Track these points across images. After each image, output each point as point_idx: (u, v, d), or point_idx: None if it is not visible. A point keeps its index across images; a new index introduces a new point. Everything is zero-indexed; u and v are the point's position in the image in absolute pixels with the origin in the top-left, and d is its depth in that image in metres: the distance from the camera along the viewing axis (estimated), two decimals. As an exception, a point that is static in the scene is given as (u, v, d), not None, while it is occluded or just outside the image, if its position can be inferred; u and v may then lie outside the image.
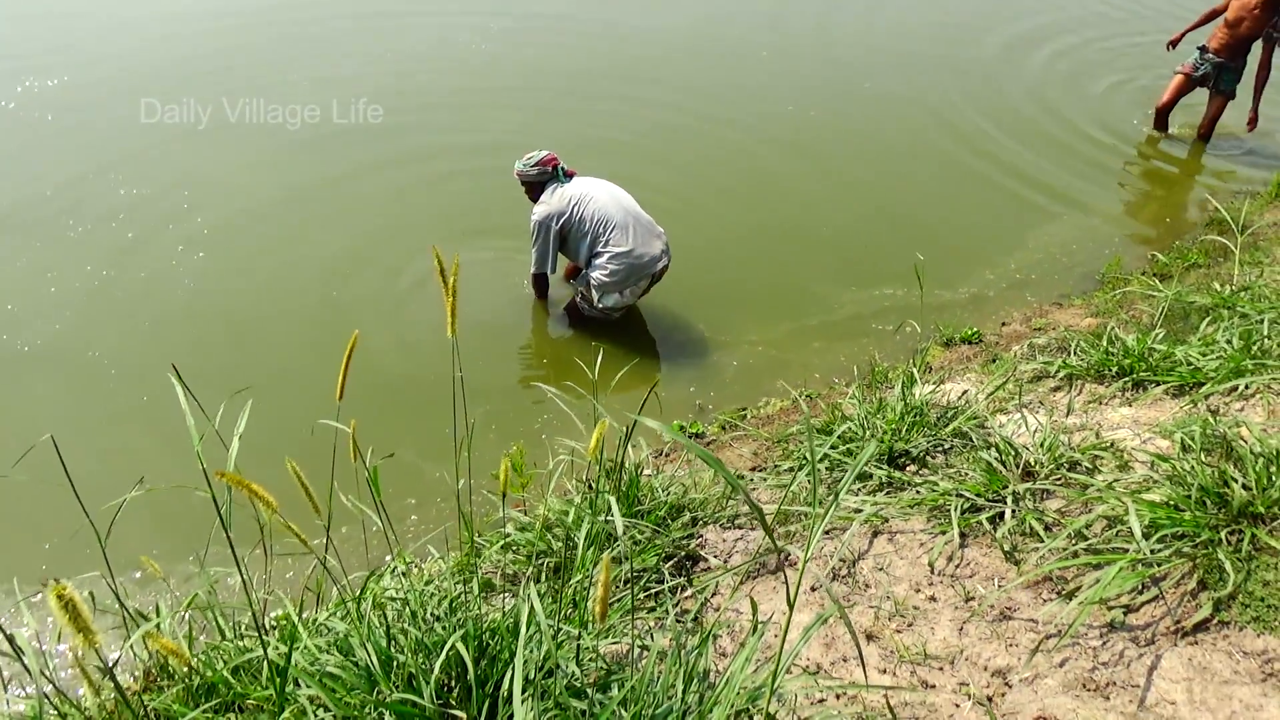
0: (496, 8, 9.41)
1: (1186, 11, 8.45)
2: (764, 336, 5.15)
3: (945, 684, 2.24)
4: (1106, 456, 3.08)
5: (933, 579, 2.69)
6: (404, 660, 2.10)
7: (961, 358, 4.79)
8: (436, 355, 4.81)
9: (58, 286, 5.20)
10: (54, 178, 6.17)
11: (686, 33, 9.10)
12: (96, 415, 4.44)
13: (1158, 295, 4.47)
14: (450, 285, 1.87)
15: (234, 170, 6.45)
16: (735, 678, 1.72)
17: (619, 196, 4.89)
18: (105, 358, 4.74)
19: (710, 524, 3.15)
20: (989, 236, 6.13)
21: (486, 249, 5.61)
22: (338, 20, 8.98)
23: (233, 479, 1.38)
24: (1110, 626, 2.34)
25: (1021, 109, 7.94)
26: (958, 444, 3.45)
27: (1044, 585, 2.54)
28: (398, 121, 7.15)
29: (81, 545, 2.28)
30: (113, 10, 8.96)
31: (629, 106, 7.59)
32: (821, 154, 7.09)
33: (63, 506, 2.04)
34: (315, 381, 4.52)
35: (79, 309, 5.04)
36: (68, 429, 4.30)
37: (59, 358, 4.71)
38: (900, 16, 9.95)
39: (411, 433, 4.37)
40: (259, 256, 5.62)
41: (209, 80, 7.47)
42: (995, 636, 2.36)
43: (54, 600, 1.03)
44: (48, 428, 2.30)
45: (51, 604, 1.03)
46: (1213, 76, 7.17)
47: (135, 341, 4.87)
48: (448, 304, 1.88)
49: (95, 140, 6.68)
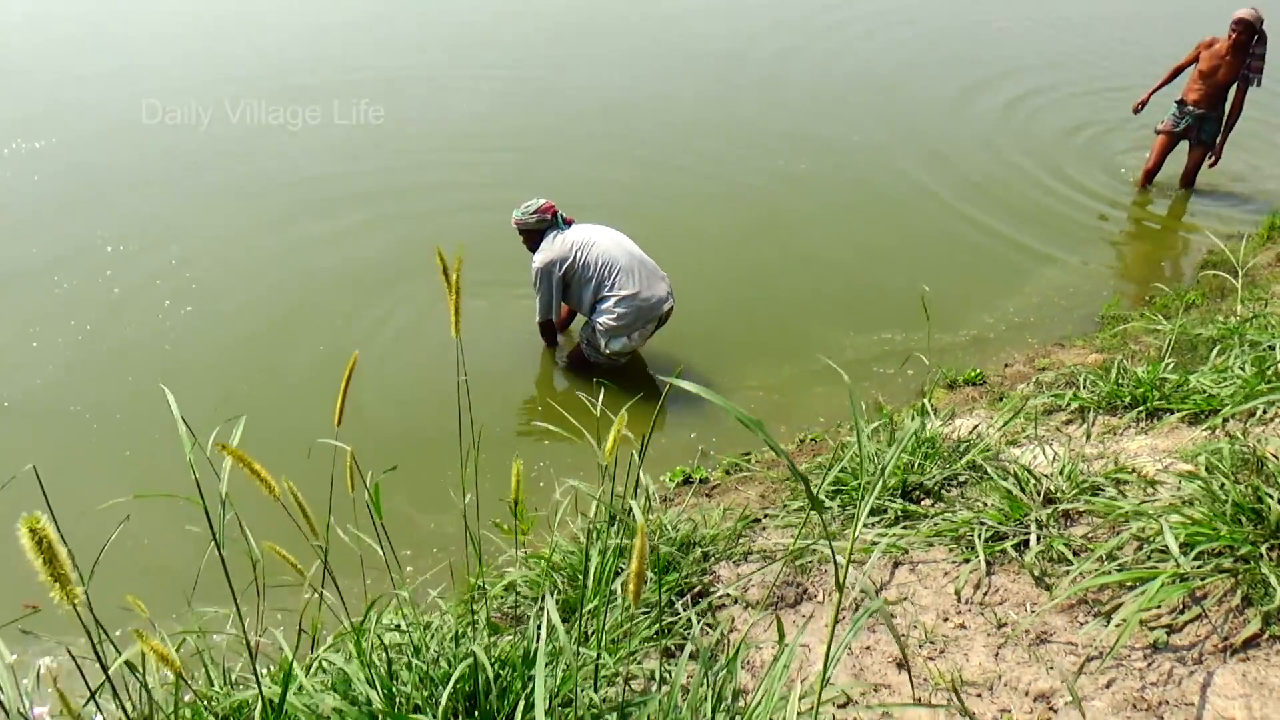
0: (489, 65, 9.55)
1: (1151, 65, 8.61)
2: (765, 381, 5.06)
3: (985, 711, 2.10)
4: (1131, 480, 2.98)
5: (960, 607, 2.56)
6: (408, 693, 1.95)
7: (966, 399, 4.71)
8: (426, 407, 4.70)
9: (40, 341, 5.09)
10: (41, 235, 6.10)
11: (692, 100, 9.19)
12: (77, 469, 4.29)
13: (1163, 329, 4.42)
14: (453, 283, 1.78)
15: (225, 226, 6.40)
16: (771, 695, 1.59)
17: (621, 241, 4.84)
18: (87, 411, 4.61)
19: (723, 560, 3.02)
20: (985, 282, 6.11)
21: (480, 296, 5.53)
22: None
23: (233, 453, 1.27)
24: (1154, 647, 2.22)
25: (1010, 158, 8.02)
26: (972, 476, 3.35)
27: (1079, 609, 2.42)
28: (390, 182, 7.15)
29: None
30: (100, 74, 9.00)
31: (615, 162, 7.64)
32: (814, 203, 7.11)
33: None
34: (306, 430, 4.38)
35: (61, 363, 4.92)
36: (47, 483, 4.14)
37: (38, 412, 4.58)
38: (861, 68, 10.15)
39: (405, 485, 4.23)
40: (246, 311, 5.52)
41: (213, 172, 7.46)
42: (1034, 660, 2.23)
43: (26, 535, 0.91)
44: (24, 481, 2.14)
45: (23, 539, 0.91)
46: (1195, 128, 7.23)
47: (118, 395, 4.74)
48: (451, 303, 1.80)
49: (85, 200, 6.62)
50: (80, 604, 0.95)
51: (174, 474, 3.07)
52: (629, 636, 2.29)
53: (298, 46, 10.15)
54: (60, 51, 9.71)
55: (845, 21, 11.76)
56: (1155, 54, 9.58)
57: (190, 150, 7.53)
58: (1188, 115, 7.21)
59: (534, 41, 10.68)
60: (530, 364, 5.23)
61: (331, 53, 9.95)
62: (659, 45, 10.82)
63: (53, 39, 10.10)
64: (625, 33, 11.36)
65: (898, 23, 11.92)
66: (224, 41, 10.12)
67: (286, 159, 7.51)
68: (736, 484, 4.09)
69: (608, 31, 11.35)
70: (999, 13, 12.67)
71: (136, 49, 9.86)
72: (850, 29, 11.55)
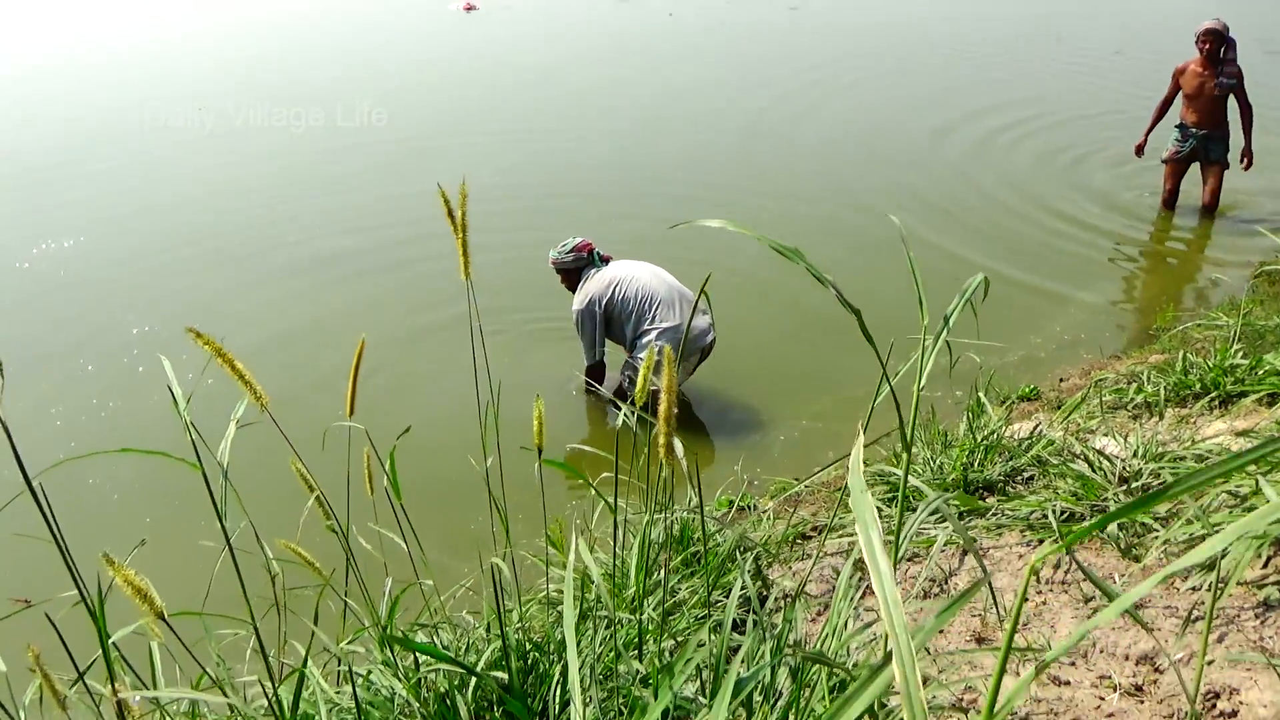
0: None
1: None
2: (806, 410, 4.87)
3: (1082, 679, 1.86)
4: (1215, 454, 2.75)
5: (1040, 586, 2.33)
6: (435, 680, 1.77)
7: (1023, 412, 4.48)
8: (445, 451, 4.49)
9: (63, 420, 5.04)
10: (66, 324, 6.10)
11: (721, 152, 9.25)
12: (95, 542, 4.17)
13: (1225, 323, 4.20)
14: (460, 222, 1.67)
15: (246, 301, 6.37)
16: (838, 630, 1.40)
17: (660, 274, 4.72)
18: (107, 484, 4.51)
19: (775, 563, 2.81)
20: (1029, 303, 5.91)
21: (499, 333, 5.40)
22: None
23: (211, 346, 1.15)
24: (1265, 605, 1.97)
25: (1044, 192, 7.88)
26: (1038, 470, 3.13)
27: (1175, 575, 2.18)
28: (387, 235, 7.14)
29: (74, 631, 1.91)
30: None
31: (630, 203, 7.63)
32: (842, 226, 7.00)
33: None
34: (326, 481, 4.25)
35: (82, 439, 4.84)
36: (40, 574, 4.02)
37: (56, 486, 4.48)
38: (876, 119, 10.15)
39: (432, 529, 4.04)
40: (265, 382, 5.44)
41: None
42: (1131, 625, 1.99)
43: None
44: (43, 551, 2.00)
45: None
46: (1201, 149, 6.98)
47: (135, 469, 4.63)
48: (459, 243, 1.68)
49: (110, 291, 6.64)
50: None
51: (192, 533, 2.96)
52: (677, 613, 2.09)
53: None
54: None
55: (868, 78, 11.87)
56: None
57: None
58: (1191, 137, 6.92)
59: (559, 110, 10.89)
60: (564, 399, 5.08)
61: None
62: (679, 104, 10.96)
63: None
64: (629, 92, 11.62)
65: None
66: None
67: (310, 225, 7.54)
68: (786, 505, 3.87)
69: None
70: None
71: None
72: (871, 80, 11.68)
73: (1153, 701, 1.74)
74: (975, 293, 1.22)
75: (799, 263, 1.08)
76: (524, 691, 1.71)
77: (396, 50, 14.39)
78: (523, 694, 1.72)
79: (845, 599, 1.39)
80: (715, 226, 1.15)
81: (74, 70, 13.37)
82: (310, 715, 1.76)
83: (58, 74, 13.11)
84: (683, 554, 2.70)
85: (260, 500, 1.94)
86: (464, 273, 1.72)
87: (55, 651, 1.65)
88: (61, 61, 13.85)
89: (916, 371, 1.14)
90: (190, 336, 1.24)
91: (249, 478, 2.17)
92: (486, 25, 16.34)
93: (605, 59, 13.64)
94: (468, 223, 1.67)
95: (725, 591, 2.54)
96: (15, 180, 8.81)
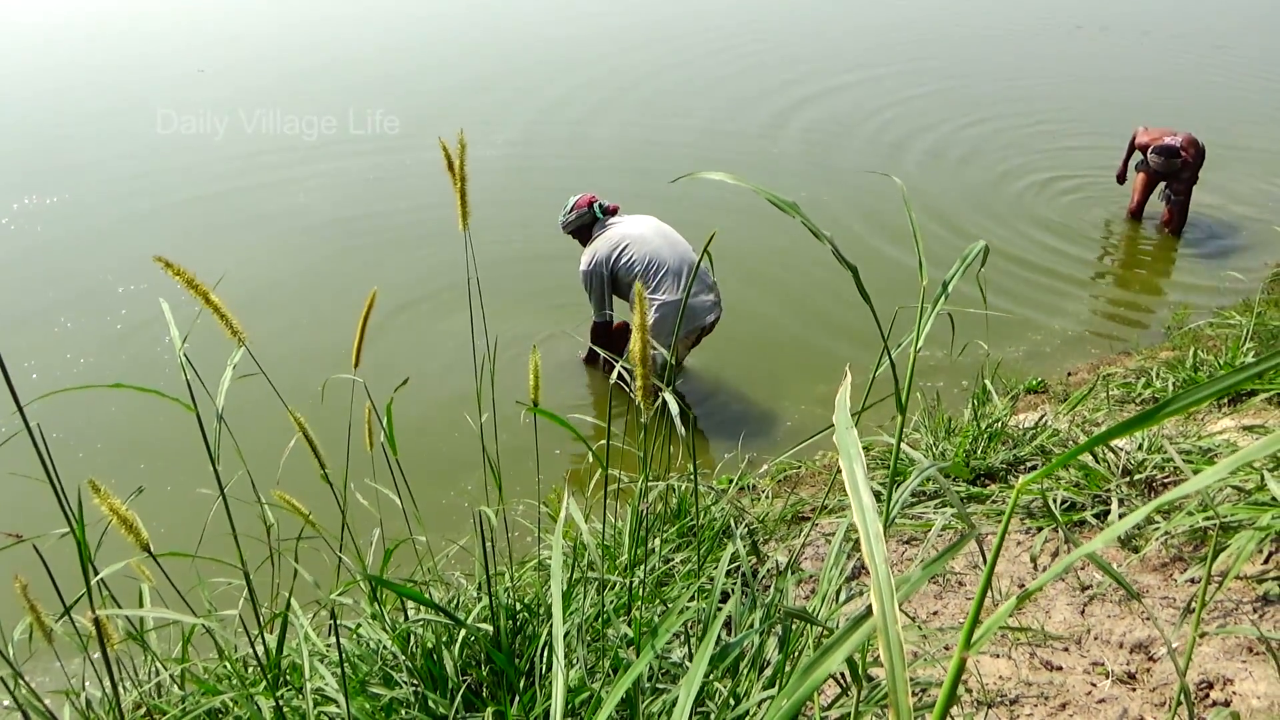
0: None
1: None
2: (804, 396, 4.83)
3: (1074, 665, 1.84)
4: (1220, 450, 2.72)
5: (1037, 573, 2.31)
6: (423, 635, 1.76)
7: (1029, 404, 4.45)
8: (438, 430, 4.43)
9: (39, 374, 5.01)
10: (47, 282, 6.05)
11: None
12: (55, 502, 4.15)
13: (1239, 322, 4.15)
14: (458, 170, 1.65)
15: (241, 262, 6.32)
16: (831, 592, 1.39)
17: (670, 238, 4.55)
18: (71, 439, 4.47)
19: (770, 540, 2.79)
20: (1031, 304, 5.84)
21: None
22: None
23: (182, 277, 1.13)
24: (1264, 599, 1.95)
25: (1043, 208, 7.79)
26: (1041, 460, 3.10)
27: (1173, 566, 2.16)
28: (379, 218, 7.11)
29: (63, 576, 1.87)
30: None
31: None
32: (842, 225, 6.94)
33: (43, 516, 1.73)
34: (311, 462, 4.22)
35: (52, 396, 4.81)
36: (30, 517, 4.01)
37: (21, 443, 4.45)
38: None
39: (428, 494, 4.02)
40: (258, 349, 5.40)
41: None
42: (1127, 613, 1.98)
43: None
44: (36, 490, 1.95)
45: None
46: (1174, 172, 6.64)
47: (104, 423, 4.60)
48: (456, 191, 1.66)
49: (94, 247, 6.58)
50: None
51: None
52: (669, 582, 2.08)
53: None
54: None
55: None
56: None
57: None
58: (1157, 153, 6.73)
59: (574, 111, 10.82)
60: (567, 378, 5.05)
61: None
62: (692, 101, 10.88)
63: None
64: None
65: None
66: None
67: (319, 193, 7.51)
68: (784, 487, 3.86)
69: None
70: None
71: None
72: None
73: (1145, 689, 1.73)
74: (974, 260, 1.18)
75: (795, 215, 1.05)
76: (512, 650, 1.71)
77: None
78: (510, 652, 1.71)
79: (836, 567, 1.37)
80: (715, 179, 1.13)
81: (71, 38, 13.24)
82: (298, 665, 1.76)
83: (59, 40, 13.00)
84: (678, 525, 2.69)
85: (258, 454, 1.92)
86: (462, 224, 1.70)
87: (46, 589, 1.65)
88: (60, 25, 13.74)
89: (914, 334, 1.11)
90: (160, 266, 1.21)
91: (247, 433, 2.15)
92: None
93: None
94: (466, 173, 1.65)
95: (718, 563, 2.53)
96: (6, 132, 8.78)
